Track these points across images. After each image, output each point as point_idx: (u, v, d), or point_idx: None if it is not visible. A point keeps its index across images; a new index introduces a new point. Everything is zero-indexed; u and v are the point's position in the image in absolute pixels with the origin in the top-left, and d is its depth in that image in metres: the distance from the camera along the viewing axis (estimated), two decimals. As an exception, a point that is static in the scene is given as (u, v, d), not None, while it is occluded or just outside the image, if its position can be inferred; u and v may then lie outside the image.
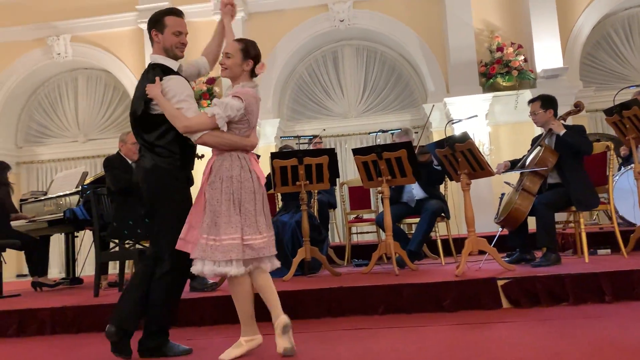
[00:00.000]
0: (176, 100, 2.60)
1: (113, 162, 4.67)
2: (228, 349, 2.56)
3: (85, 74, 9.33)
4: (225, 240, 2.47)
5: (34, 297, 4.90)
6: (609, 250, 4.76)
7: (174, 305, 2.81)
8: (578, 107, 4.44)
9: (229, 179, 2.55)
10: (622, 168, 5.65)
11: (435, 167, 4.80)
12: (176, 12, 2.80)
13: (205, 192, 2.60)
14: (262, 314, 2.69)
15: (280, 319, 2.50)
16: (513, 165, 4.54)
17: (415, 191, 5.01)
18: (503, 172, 4.43)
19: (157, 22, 2.79)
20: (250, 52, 2.67)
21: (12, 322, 3.86)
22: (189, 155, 2.80)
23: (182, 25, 2.81)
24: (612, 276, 3.37)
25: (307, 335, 2.99)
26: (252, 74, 2.71)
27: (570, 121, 4.54)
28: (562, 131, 4.15)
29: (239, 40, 2.72)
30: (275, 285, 2.65)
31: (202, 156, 5.43)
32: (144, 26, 8.26)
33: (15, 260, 8.22)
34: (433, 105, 6.20)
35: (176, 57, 2.82)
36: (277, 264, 2.65)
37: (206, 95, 7.94)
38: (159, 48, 2.81)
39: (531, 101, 4.51)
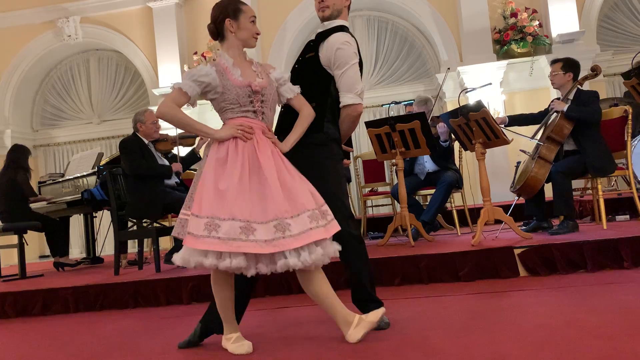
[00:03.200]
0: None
1: (130, 146, 4.56)
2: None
3: (96, 55, 9.33)
4: None
5: (56, 277, 5.01)
6: (627, 216, 4.71)
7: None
8: (595, 72, 4.33)
9: None
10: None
11: (442, 142, 4.75)
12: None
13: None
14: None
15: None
16: (514, 120, 4.47)
17: (427, 164, 4.97)
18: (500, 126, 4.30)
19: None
20: None
21: (37, 301, 3.96)
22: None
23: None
24: (630, 242, 3.34)
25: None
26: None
27: (587, 86, 4.44)
28: (565, 107, 4.06)
29: None
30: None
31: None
32: (153, 4, 8.27)
33: (37, 242, 8.37)
34: (448, 69, 6.06)
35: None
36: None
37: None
38: None
39: (554, 62, 4.40)
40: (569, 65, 4.29)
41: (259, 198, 2.16)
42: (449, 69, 6.22)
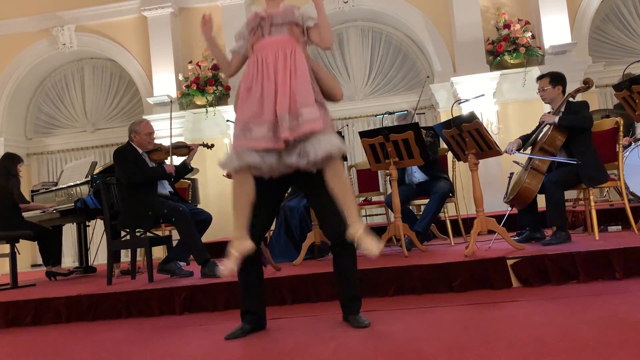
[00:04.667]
0: None
1: (125, 155, 4.55)
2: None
3: (91, 64, 9.33)
4: None
5: (48, 287, 4.98)
6: (619, 227, 4.73)
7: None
8: (587, 84, 4.38)
9: None
10: (632, 144, 5.59)
11: (425, 137, 4.75)
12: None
13: None
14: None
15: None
16: (524, 141, 4.49)
17: (417, 174, 4.99)
18: (515, 151, 4.36)
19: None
20: None
21: (28, 312, 3.93)
22: None
23: None
24: (622, 253, 3.35)
25: (318, 318, 3.02)
26: None
27: (579, 97, 4.48)
28: (556, 119, 4.10)
29: None
30: (286, 270, 2.66)
31: (213, 145, 5.43)
32: (148, 13, 8.29)
33: (29, 251, 8.32)
34: (427, 77, 6.08)
35: None
36: None
37: (211, 81, 7.93)
38: None
39: (540, 78, 4.46)
40: (556, 79, 4.34)
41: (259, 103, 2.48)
42: (428, 77, 6.24)
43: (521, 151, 4.38)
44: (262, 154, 2.45)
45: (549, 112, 4.32)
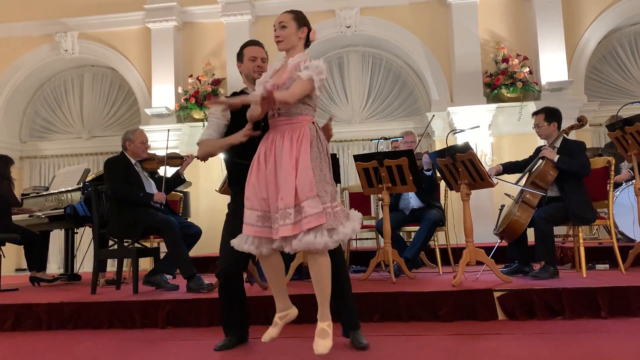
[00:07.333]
0: None
1: (115, 167, 4.54)
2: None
3: (91, 71, 9.36)
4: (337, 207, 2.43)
5: (31, 292, 4.92)
6: (607, 266, 4.76)
7: None
8: (581, 122, 4.44)
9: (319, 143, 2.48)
10: (624, 184, 5.64)
11: (425, 172, 4.81)
12: (253, 42, 3.09)
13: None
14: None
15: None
16: (506, 168, 4.53)
17: (412, 200, 5.02)
18: (494, 175, 4.38)
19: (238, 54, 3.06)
20: (303, 19, 2.65)
21: (9, 316, 3.87)
22: None
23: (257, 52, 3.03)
24: (609, 292, 3.37)
25: (302, 340, 2.99)
26: (307, 42, 2.70)
27: (573, 135, 4.54)
28: (556, 157, 4.15)
29: (289, 11, 2.69)
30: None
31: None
32: (152, 25, 8.36)
33: (14, 255, 8.23)
34: (433, 116, 6.18)
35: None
36: None
37: (210, 96, 7.96)
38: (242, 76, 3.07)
39: (535, 114, 4.51)
40: (551, 115, 4.39)
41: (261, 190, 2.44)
42: (433, 115, 6.33)
43: (511, 181, 4.41)
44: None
45: (548, 146, 4.34)
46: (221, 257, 2.81)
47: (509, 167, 4.58)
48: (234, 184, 2.91)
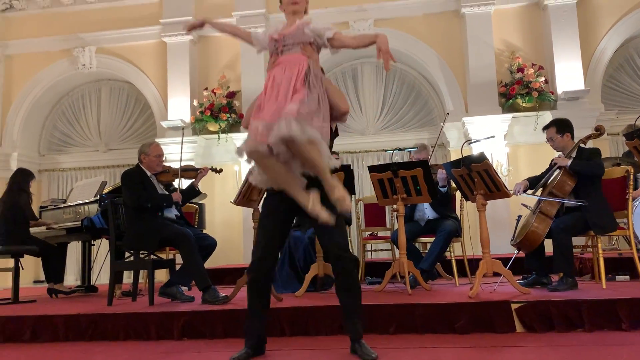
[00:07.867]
0: None
1: (132, 177, 4.61)
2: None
3: (108, 85, 9.50)
4: None
5: (49, 304, 4.96)
6: (627, 277, 4.67)
7: None
8: (599, 131, 4.39)
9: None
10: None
11: (441, 188, 4.78)
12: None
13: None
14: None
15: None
16: (532, 183, 4.48)
17: (427, 211, 4.99)
18: (522, 192, 4.35)
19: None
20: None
21: (27, 328, 3.91)
22: None
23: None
24: (629, 303, 3.30)
25: (317, 352, 2.98)
26: None
27: (590, 144, 4.49)
28: (568, 162, 4.10)
29: None
30: (287, 300, 2.65)
31: (221, 170, 5.47)
32: (168, 39, 8.47)
33: (32, 267, 8.32)
34: (447, 114, 6.16)
35: None
36: None
37: (225, 108, 8.02)
38: None
39: (545, 127, 4.47)
40: (562, 126, 4.35)
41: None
42: (448, 113, 6.30)
43: (528, 192, 4.37)
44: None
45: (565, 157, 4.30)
46: (254, 252, 2.93)
47: (533, 182, 4.52)
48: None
